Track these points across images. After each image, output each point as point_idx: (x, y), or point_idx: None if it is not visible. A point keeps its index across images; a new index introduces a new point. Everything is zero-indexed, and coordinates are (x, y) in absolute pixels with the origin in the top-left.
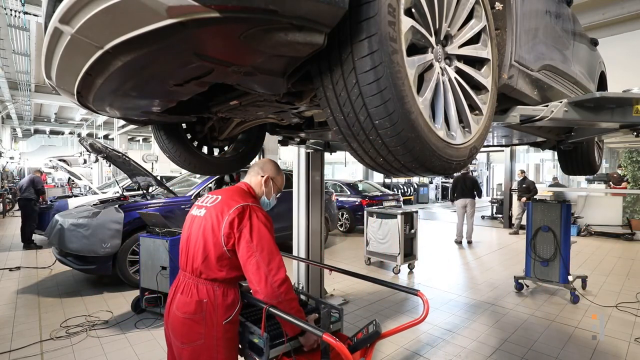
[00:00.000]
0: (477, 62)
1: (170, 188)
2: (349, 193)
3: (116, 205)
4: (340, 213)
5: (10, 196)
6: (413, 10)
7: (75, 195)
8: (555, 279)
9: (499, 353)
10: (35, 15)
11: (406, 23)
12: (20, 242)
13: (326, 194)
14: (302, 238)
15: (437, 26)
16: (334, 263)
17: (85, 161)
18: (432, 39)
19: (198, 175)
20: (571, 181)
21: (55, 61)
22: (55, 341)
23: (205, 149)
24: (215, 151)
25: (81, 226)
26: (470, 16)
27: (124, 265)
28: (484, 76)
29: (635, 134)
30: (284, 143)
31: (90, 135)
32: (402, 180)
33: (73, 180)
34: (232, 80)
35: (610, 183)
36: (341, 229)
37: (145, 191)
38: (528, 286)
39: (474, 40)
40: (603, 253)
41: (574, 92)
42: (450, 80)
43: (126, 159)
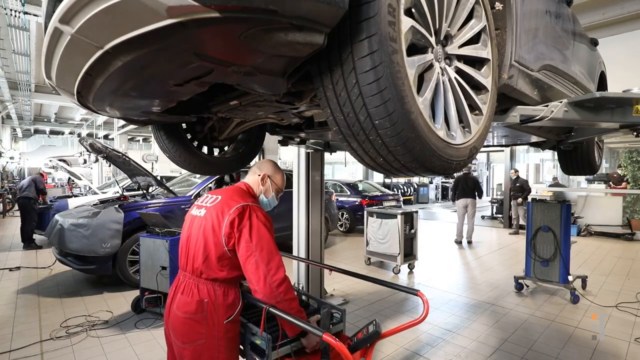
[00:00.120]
0: (477, 62)
1: (170, 188)
2: (349, 193)
3: (116, 205)
4: (340, 213)
5: (10, 196)
6: (413, 10)
7: (75, 195)
8: (555, 279)
9: (499, 353)
10: (35, 15)
11: (406, 23)
12: (20, 242)
13: (326, 194)
14: (302, 238)
15: (437, 26)
16: (334, 263)
17: (85, 161)
18: (432, 39)
19: (198, 175)
20: (571, 181)
21: (55, 61)
22: (55, 341)
23: (205, 149)
24: (215, 151)
25: (81, 226)
26: (470, 16)
27: (124, 265)
28: (484, 76)
29: (635, 134)
30: (284, 143)
31: (90, 135)
32: (402, 180)
33: (73, 180)
34: (232, 80)
35: (610, 183)
36: (341, 229)
37: (145, 191)
38: (528, 286)
39: (474, 40)
40: (603, 253)
41: (574, 92)
42: (450, 80)
43: (126, 159)
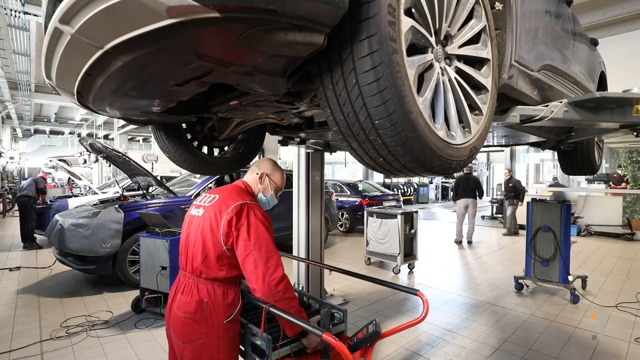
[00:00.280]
0: (477, 62)
1: (170, 188)
2: (349, 193)
3: (116, 205)
4: (340, 213)
5: (10, 196)
6: (413, 10)
7: (75, 195)
8: (555, 279)
9: (499, 353)
10: (35, 15)
11: (406, 23)
12: (20, 242)
13: (326, 194)
14: (302, 238)
15: (437, 26)
16: (334, 263)
17: (85, 161)
18: (432, 39)
19: (198, 175)
20: (571, 181)
21: (55, 61)
22: (55, 341)
23: (205, 149)
24: (215, 151)
25: (81, 226)
26: (470, 16)
27: (124, 265)
28: (484, 76)
29: (635, 134)
30: (284, 143)
31: (90, 135)
32: (402, 180)
33: (73, 180)
34: (232, 80)
35: (610, 183)
36: (341, 229)
37: (145, 191)
38: (528, 286)
39: (474, 40)
40: (603, 253)
41: (574, 92)
42: (450, 80)
43: (126, 159)
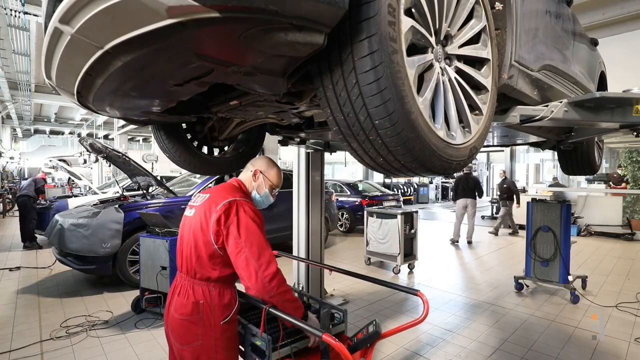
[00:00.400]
0: (477, 62)
1: (170, 188)
2: (349, 193)
3: (116, 205)
4: (340, 213)
5: (10, 196)
6: (413, 10)
7: (75, 195)
8: (555, 279)
9: (499, 353)
10: (35, 15)
11: (406, 23)
12: (20, 242)
13: (326, 194)
14: (302, 238)
15: (437, 26)
16: (334, 263)
17: (85, 161)
18: (432, 39)
19: (198, 175)
20: (571, 181)
21: (55, 61)
22: (55, 341)
23: (205, 149)
24: (216, 151)
25: (81, 226)
26: (470, 16)
27: (124, 265)
28: (484, 76)
29: (635, 134)
30: (284, 143)
31: (90, 135)
32: (402, 180)
33: (73, 180)
34: (232, 80)
35: (610, 183)
36: (341, 229)
37: (145, 191)
38: (528, 286)
39: (474, 40)
40: (603, 253)
41: (574, 92)
42: (450, 80)
43: (126, 159)
